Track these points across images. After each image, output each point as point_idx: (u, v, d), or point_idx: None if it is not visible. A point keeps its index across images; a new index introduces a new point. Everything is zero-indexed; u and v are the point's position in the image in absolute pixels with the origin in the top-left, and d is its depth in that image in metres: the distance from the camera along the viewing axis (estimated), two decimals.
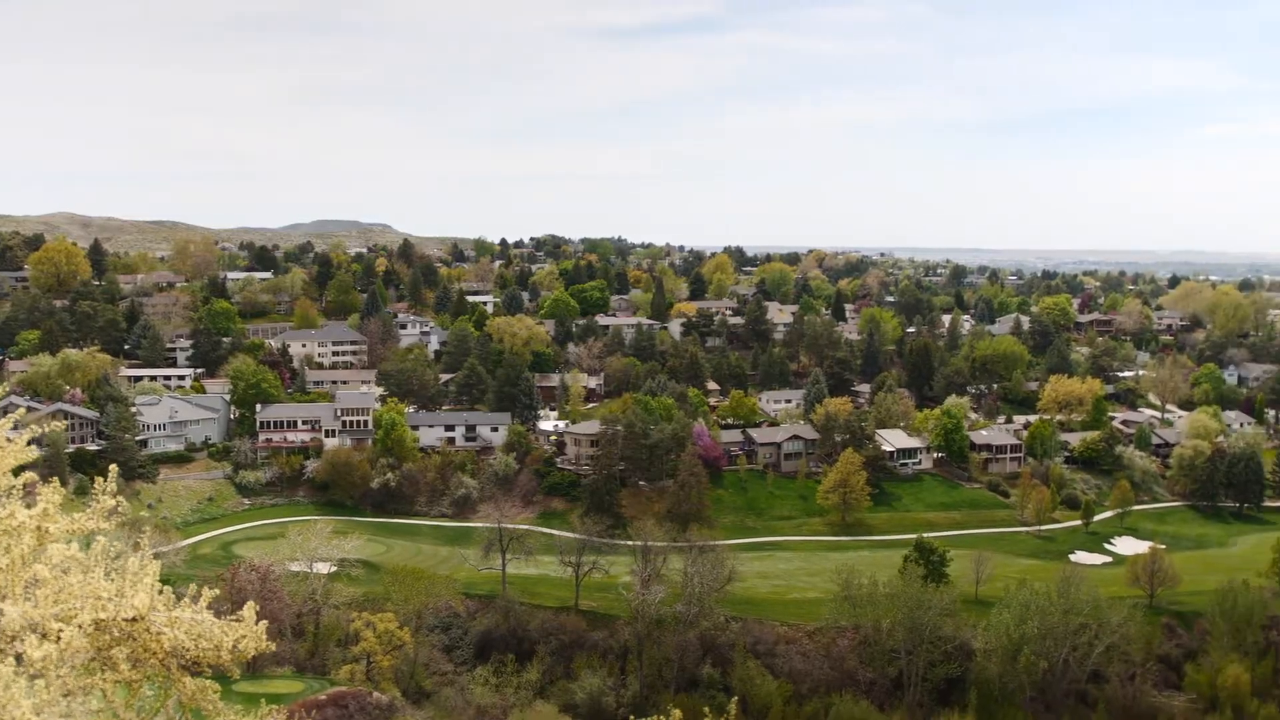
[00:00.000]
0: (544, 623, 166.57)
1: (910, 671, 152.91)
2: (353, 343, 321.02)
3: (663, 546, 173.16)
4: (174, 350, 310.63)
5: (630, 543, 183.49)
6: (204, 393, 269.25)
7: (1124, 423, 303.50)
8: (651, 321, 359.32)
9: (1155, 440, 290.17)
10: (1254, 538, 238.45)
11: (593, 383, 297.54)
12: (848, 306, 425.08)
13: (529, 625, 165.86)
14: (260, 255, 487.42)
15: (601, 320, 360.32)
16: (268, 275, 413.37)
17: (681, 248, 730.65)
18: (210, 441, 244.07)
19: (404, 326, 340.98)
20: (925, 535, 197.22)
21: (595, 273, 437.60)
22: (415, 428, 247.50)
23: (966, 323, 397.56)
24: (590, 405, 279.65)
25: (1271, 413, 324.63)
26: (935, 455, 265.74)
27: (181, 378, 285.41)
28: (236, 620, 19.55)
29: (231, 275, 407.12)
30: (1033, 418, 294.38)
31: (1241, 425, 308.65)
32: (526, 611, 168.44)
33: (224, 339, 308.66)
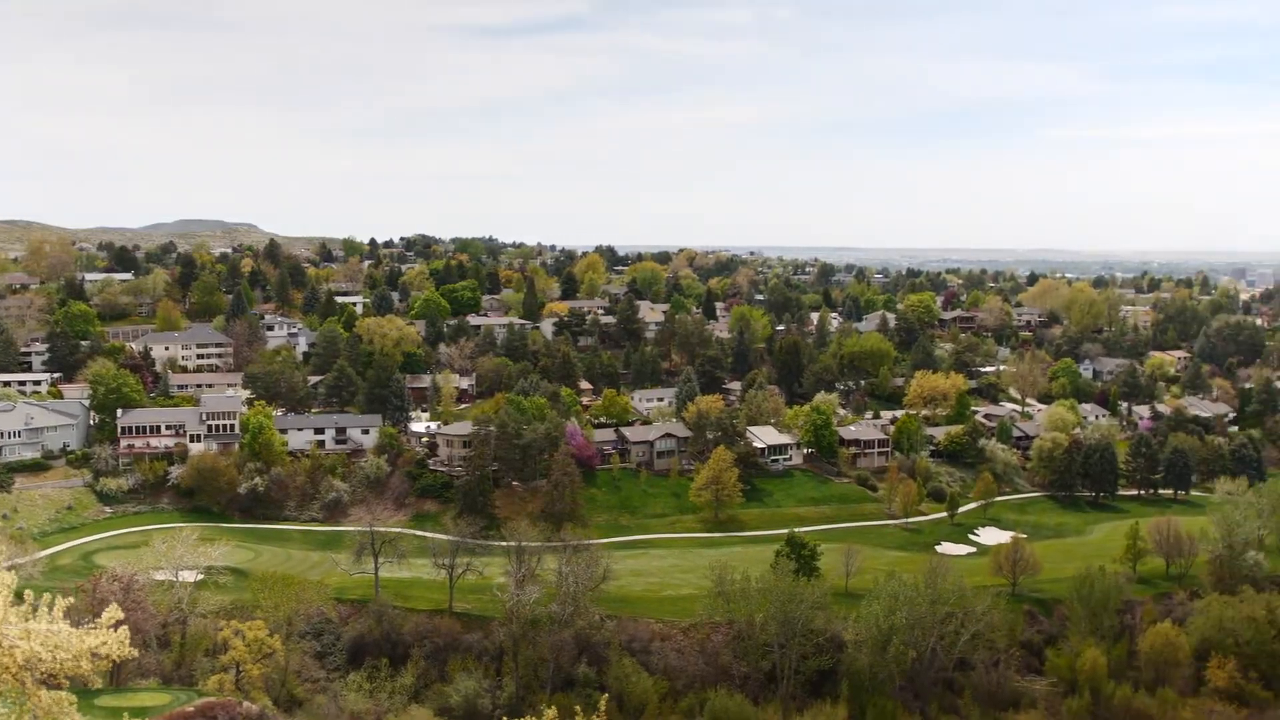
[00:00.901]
0: (418, 626, 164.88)
1: (783, 665, 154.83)
2: (218, 345, 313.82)
3: (537, 546, 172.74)
4: (29, 354, 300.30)
5: (504, 543, 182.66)
6: (62, 398, 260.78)
7: (986, 416, 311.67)
8: (523, 321, 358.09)
9: (1016, 433, 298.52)
10: (1109, 525, 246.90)
11: (465, 383, 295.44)
12: (718, 305, 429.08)
13: (402, 629, 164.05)
14: (120, 256, 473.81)
15: (473, 320, 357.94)
16: (128, 276, 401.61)
17: (553, 247, 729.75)
18: (69, 448, 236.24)
19: (271, 328, 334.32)
20: (796, 530, 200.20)
21: (466, 272, 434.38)
22: (284, 431, 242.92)
23: (834, 320, 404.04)
24: (462, 406, 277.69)
25: (1124, 405, 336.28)
26: (805, 451, 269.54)
27: (37, 383, 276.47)
28: (95, 627, 18.98)
29: (90, 276, 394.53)
30: (899, 413, 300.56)
31: (1097, 417, 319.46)
32: (400, 615, 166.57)
33: (82, 342, 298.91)
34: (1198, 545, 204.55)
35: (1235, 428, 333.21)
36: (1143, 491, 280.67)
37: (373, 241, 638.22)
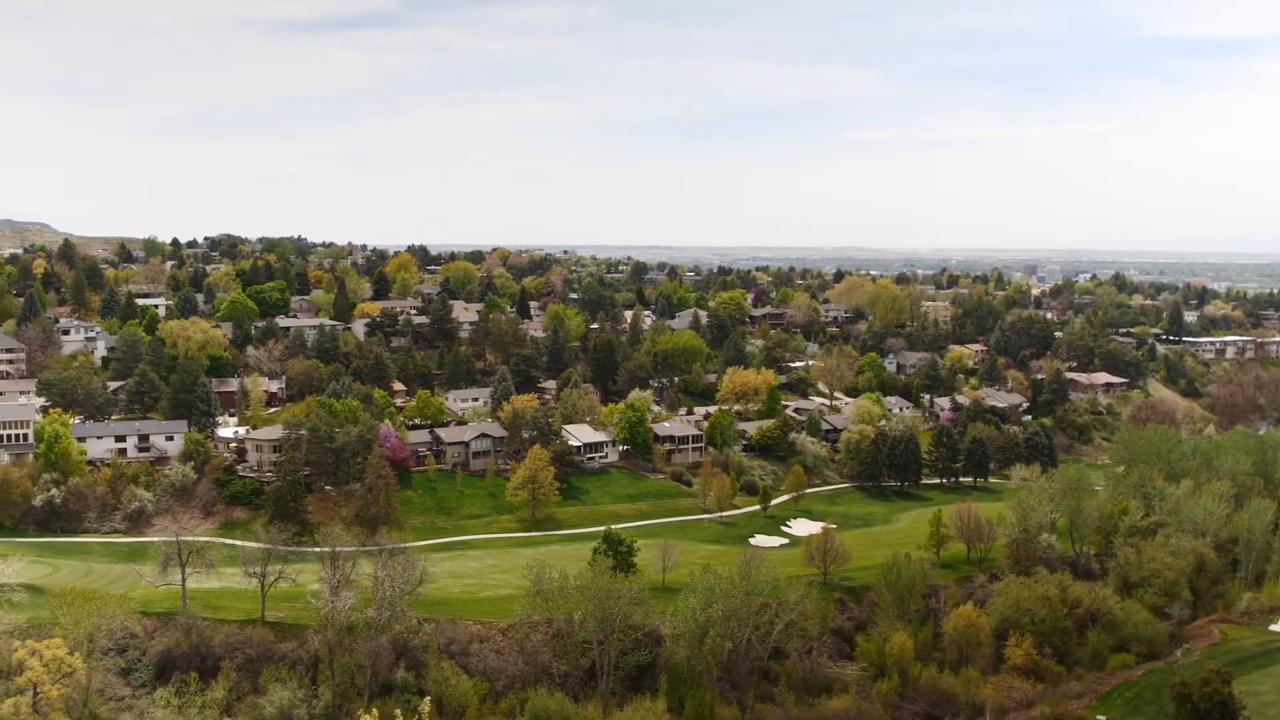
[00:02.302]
0: (229, 637, 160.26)
1: (603, 661, 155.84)
2: (8, 350, 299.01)
3: (352, 551, 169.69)
4: None
5: (318, 549, 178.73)
6: None
7: (796, 411, 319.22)
8: (334, 322, 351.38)
9: (825, 426, 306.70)
10: (914, 513, 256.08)
11: (274, 386, 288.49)
12: (532, 304, 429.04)
13: (212, 641, 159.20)
14: None
15: (282, 322, 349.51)
16: None
17: (364, 247, 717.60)
18: None
19: (66, 332, 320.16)
20: (613, 527, 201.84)
21: (274, 273, 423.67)
22: (82, 440, 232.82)
23: (648, 318, 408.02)
24: (272, 410, 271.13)
25: (927, 397, 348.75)
26: (621, 448, 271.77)
27: None
28: None
29: None
30: (712, 409, 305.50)
31: (901, 409, 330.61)
32: (210, 627, 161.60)
33: None
34: (996, 530, 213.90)
35: (1029, 417, 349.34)
36: (945, 480, 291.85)
37: (175, 242, 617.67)
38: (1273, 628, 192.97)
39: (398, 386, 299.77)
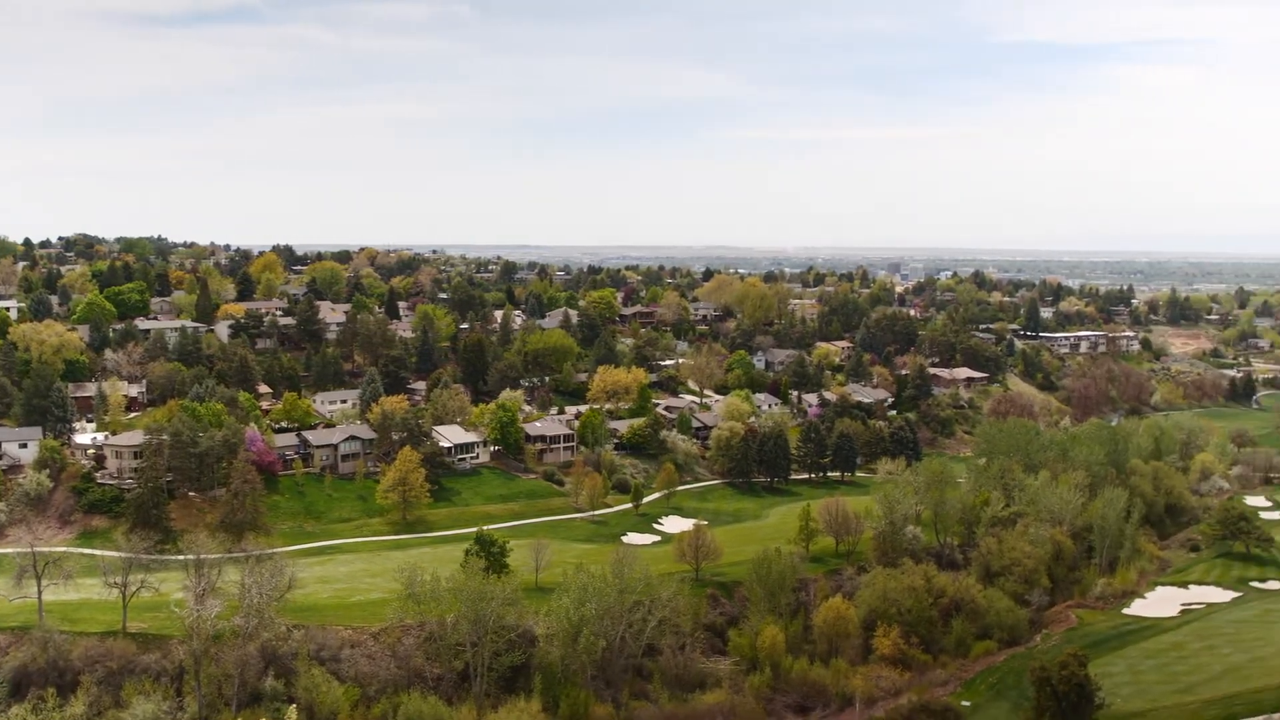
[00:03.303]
0: (88, 650, 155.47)
1: (476, 663, 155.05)
2: None
3: (217, 558, 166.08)
4: None
5: (182, 557, 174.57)
6: None
7: (667, 409, 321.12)
8: (197, 324, 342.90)
9: (696, 424, 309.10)
10: (784, 508, 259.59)
11: (134, 390, 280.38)
12: (401, 304, 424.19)
13: (71, 655, 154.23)
14: None
15: (142, 324, 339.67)
16: None
17: (228, 247, 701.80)
18: None
19: None
20: (485, 528, 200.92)
21: (133, 274, 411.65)
22: None
23: (518, 318, 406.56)
24: (133, 415, 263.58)
25: (795, 394, 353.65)
26: (492, 449, 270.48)
27: None
28: None
29: None
30: (584, 408, 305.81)
31: (770, 406, 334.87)
32: (68, 640, 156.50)
33: None
34: (863, 523, 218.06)
35: (894, 412, 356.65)
36: (813, 475, 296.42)
37: (28, 242, 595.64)
38: (1126, 611, 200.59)
39: (264, 389, 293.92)
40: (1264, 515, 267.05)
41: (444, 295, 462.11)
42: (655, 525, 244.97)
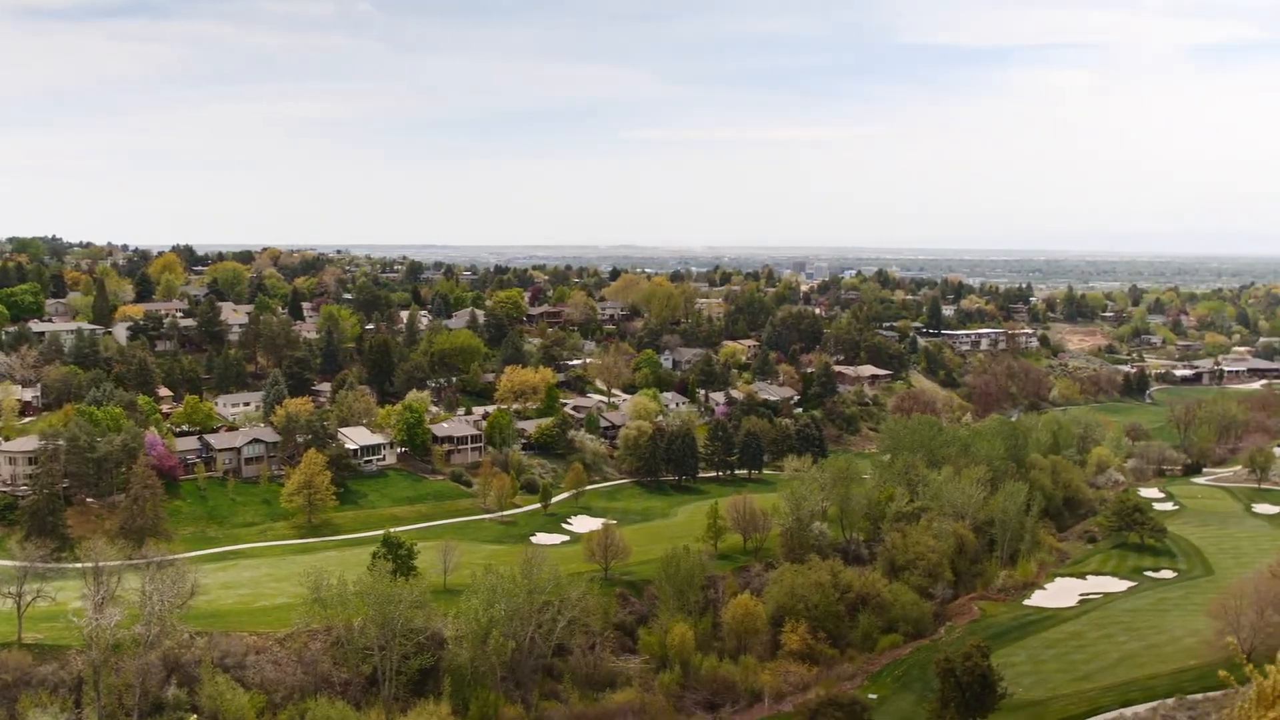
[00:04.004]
0: None
1: (384, 667, 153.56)
2: None
3: (117, 565, 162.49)
4: None
5: (80, 565, 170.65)
6: None
7: (575, 408, 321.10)
8: (94, 326, 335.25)
9: (604, 423, 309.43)
10: (692, 506, 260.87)
11: (28, 395, 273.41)
12: (305, 305, 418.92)
13: None
14: None
15: (36, 327, 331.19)
16: None
17: (126, 247, 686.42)
18: None
19: None
20: (393, 530, 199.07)
21: (26, 275, 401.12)
22: None
23: (424, 318, 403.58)
24: (27, 420, 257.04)
25: (702, 392, 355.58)
26: (399, 450, 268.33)
27: None
28: None
29: None
30: (491, 408, 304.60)
31: (677, 405, 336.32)
32: None
33: None
34: (771, 520, 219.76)
35: (800, 409, 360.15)
36: (721, 473, 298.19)
37: None
38: (1026, 602, 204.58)
39: (164, 392, 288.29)
40: (1157, 507, 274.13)
41: (349, 296, 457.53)
42: (564, 525, 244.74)
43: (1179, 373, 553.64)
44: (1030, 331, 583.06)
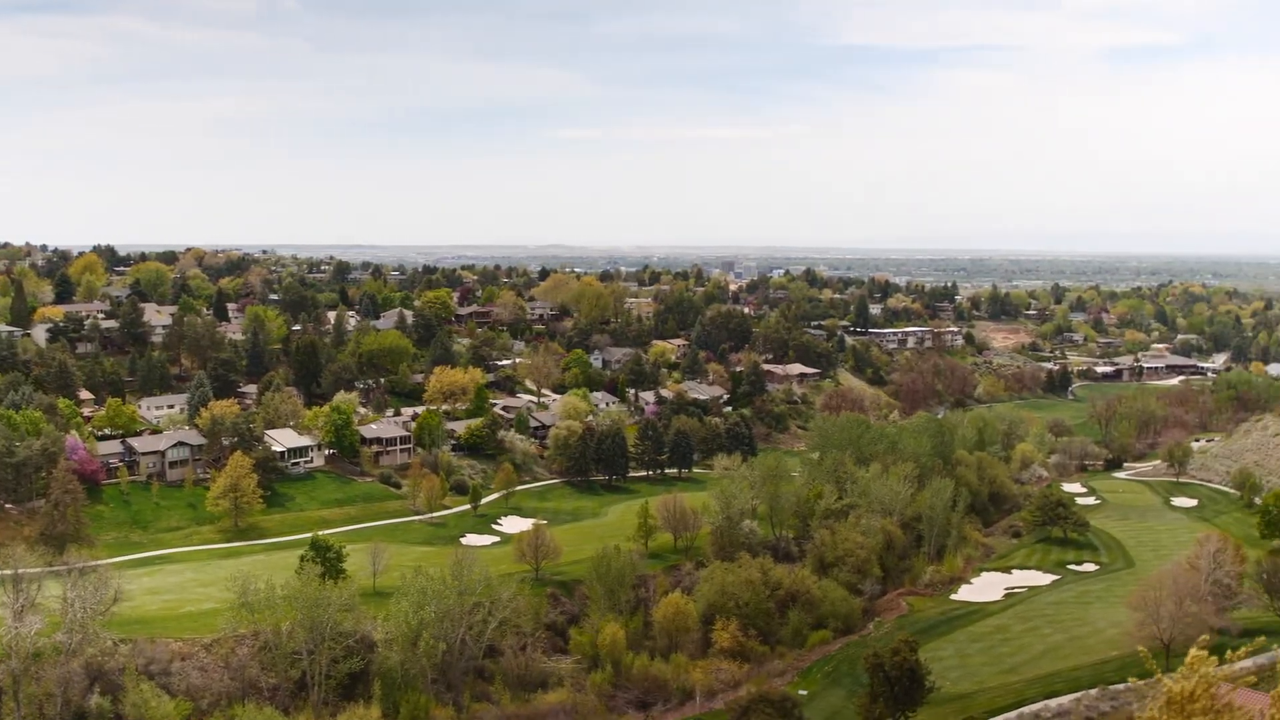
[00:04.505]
0: None
1: (314, 671, 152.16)
2: None
3: (37, 572, 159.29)
4: None
5: None
6: None
7: (505, 409, 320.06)
8: (11, 328, 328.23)
9: (534, 423, 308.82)
10: (622, 506, 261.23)
11: None
12: (230, 306, 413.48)
13: None
14: None
15: None
16: None
17: (45, 247, 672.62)
18: None
19: None
20: (321, 533, 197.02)
21: None
22: None
23: (352, 319, 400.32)
24: None
25: (632, 392, 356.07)
26: (327, 452, 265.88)
27: None
28: None
29: None
30: (420, 409, 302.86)
31: (607, 404, 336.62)
32: None
33: None
34: (701, 518, 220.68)
35: (729, 408, 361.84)
36: (651, 472, 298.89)
37: None
38: (953, 597, 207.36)
39: (85, 395, 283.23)
40: (1080, 501, 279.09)
41: (275, 296, 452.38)
42: (494, 526, 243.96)
43: (1100, 369, 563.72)
44: (956, 330, 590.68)
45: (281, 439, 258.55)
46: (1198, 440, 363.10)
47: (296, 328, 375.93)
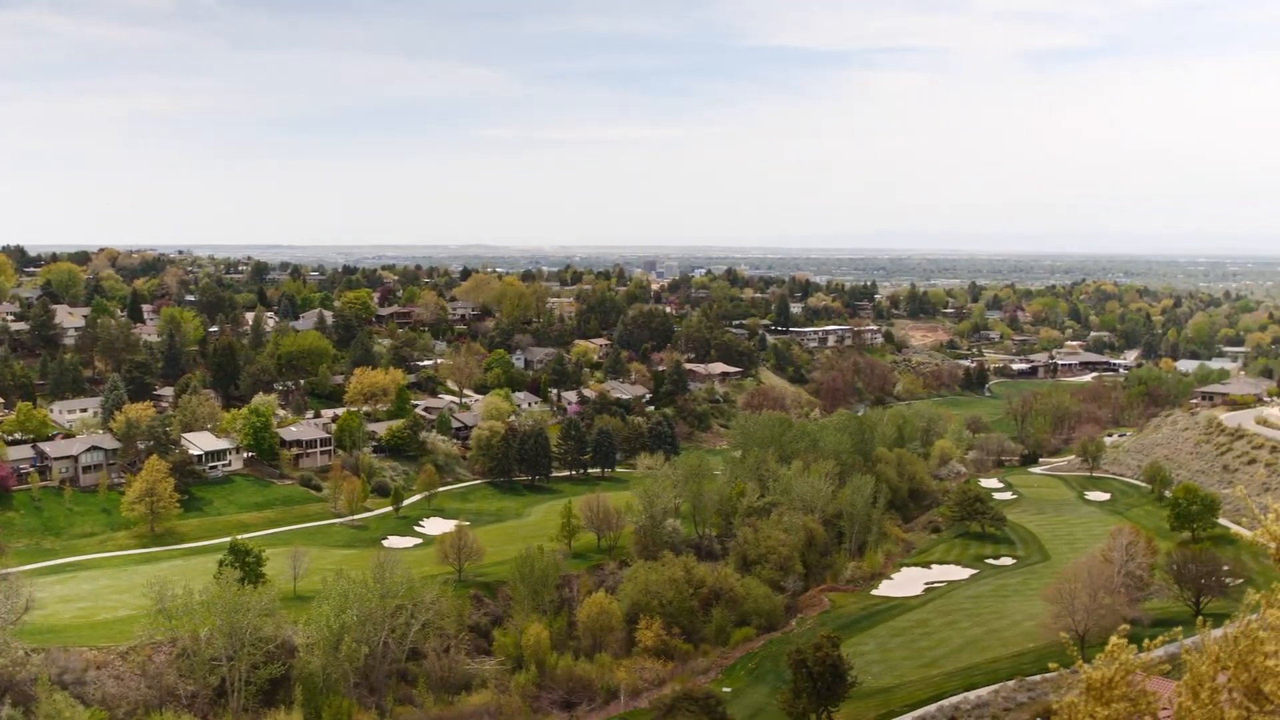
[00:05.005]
0: None
1: (233, 677, 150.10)
2: None
3: None
4: None
5: None
6: None
7: (427, 409, 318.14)
8: None
9: (456, 424, 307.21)
10: (545, 506, 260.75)
11: None
12: (146, 307, 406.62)
13: None
14: None
15: None
16: None
17: None
18: None
19: None
20: (240, 537, 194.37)
21: None
22: None
23: (271, 320, 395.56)
24: None
25: (555, 391, 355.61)
26: (246, 455, 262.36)
27: None
28: None
29: None
30: (341, 410, 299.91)
31: (530, 405, 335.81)
32: None
33: None
34: (624, 518, 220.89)
35: (652, 407, 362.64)
36: (574, 472, 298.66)
37: None
38: (874, 592, 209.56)
39: None
40: (997, 496, 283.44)
41: (191, 297, 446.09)
42: (417, 528, 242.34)
43: (1016, 366, 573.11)
44: (875, 328, 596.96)
45: (199, 442, 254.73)
46: (1110, 435, 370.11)
47: (214, 329, 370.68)
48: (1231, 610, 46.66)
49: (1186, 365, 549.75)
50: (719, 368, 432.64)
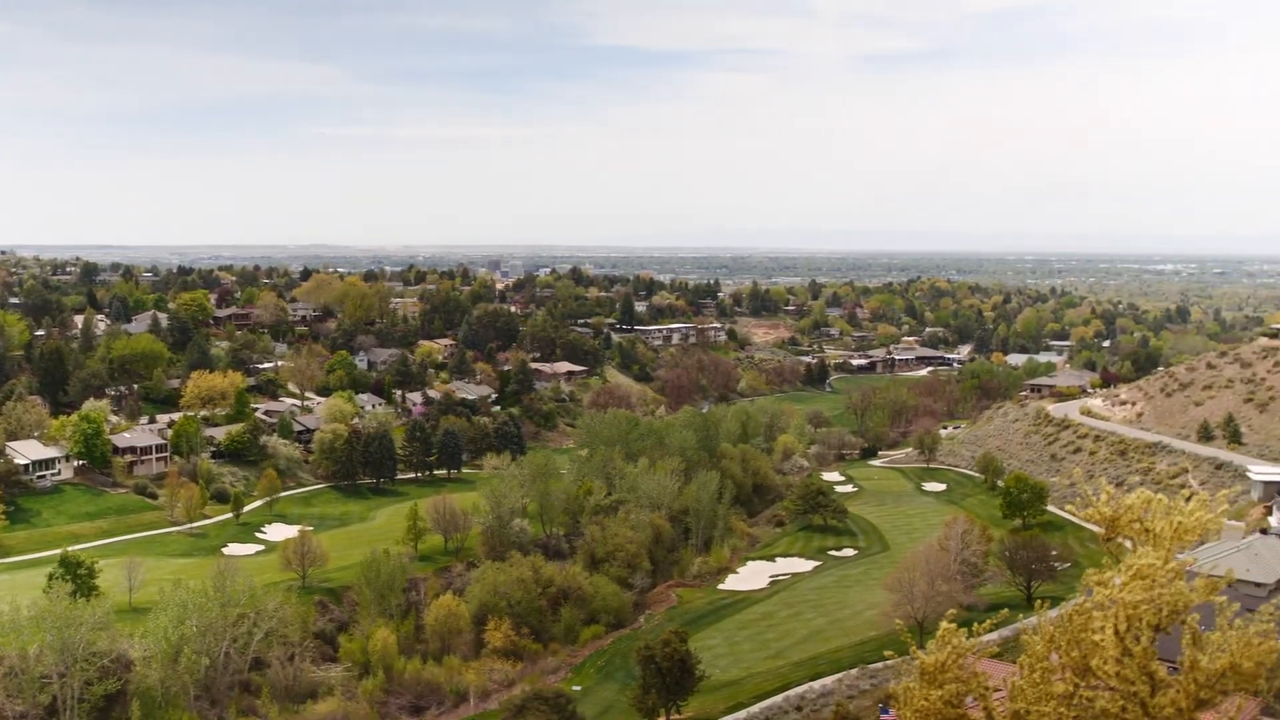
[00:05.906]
0: None
1: (65, 695, 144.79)
2: None
3: None
4: None
5: None
6: None
7: (267, 413, 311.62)
8: None
9: (298, 427, 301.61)
10: (391, 509, 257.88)
11: None
12: None
13: None
14: None
15: None
16: None
17: None
18: None
19: None
20: (71, 549, 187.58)
21: None
22: None
23: (102, 322, 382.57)
24: None
25: (399, 393, 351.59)
26: (77, 464, 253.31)
27: None
28: None
29: None
30: (177, 415, 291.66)
31: (374, 406, 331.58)
32: None
33: None
34: (471, 519, 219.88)
35: (498, 407, 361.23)
36: (420, 473, 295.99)
37: None
38: (721, 587, 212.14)
39: None
40: (839, 489, 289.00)
41: (16, 300, 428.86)
42: (258, 534, 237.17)
43: (855, 362, 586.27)
44: (719, 326, 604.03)
45: (25, 451, 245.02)
46: (945, 428, 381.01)
47: (40, 333, 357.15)
48: (1062, 593, 48.89)
49: (1016, 359, 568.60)
50: (564, 367, 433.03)
